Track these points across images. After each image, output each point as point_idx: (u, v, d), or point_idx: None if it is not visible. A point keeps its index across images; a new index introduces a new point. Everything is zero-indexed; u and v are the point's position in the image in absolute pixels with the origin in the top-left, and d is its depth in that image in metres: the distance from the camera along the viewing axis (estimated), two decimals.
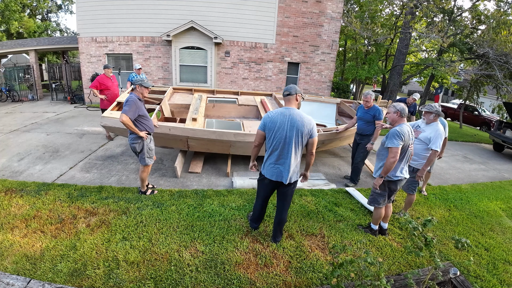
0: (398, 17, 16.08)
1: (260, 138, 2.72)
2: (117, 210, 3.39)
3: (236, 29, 10.65)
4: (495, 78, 10.17)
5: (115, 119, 4.27)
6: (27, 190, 3.73)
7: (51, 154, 5.20)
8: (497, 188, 5.52)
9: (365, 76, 13.85)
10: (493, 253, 3.25)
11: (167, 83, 11.05)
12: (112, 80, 5.97)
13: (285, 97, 2.69)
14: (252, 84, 11.49)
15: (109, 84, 5.89)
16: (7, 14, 20.79)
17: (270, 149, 2.65)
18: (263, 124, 2.68)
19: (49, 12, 28.57)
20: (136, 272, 2.48)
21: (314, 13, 10.97)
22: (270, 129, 2.61)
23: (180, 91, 6.56)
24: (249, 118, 5.86)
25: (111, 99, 5.78)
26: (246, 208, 3.64)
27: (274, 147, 2.62)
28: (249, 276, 2.54)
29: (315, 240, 3.15)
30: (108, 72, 5.91)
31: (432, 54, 16.21)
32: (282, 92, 2.74)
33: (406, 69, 17.22)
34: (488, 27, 10.17)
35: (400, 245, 3.19)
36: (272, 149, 2.63)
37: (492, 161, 7.71)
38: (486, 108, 16.44)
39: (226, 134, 4.33)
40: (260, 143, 2.76)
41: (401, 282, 2.39)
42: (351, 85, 19.34)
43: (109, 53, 10.72)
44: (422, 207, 4.23)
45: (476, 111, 15.58)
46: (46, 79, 14.64)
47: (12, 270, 2.41)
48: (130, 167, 4.84)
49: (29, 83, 11.77)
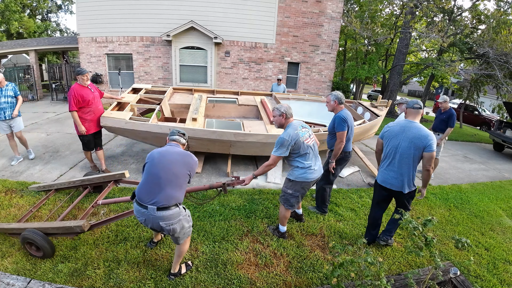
0: (398, 17, 16.08)
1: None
2: (117, 210, 3.39)
3: (236, 29, 10.65)
4: (495, 78, 10.17)
5: (116, 119, 4.27)
6: (27, 190, 3.73)
7: (51, 154, 5.20)
8: (497, 187, 5.52)
9: (365, 76, 13.86)
10: (493, 253, 3.25)
11: (167, 83, 11.05)
12: (91, 91, 4.10)
13: (415, 110, 2.74)
14: (252, 84, 11.49)
15: (89, 98, 4.02)
16: (7, 15, 20.81)
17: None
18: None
19: (49, 12, 28.58)
20: (136, 272, 2.48)
21: (314, 13, 10.97)
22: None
23: (180, 91, 6.56)
24: (249, 118, 5.85)
25: (93, 119, 4.16)
26: (246, 208, 3.64)
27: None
28: (249, 276, 2.54)
29: (315, 240, 3.15)
30: (84, 80, 4.00)
31: (432, 54, 16.20)
32: (411, 104, 2.76)
33: (406, 69, 17.22)
34: (488, 27, 10.17)
35: (400, 245, 3.19)
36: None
37: (492, 161, 7.71)
38: (486, 107, 16.43)
39: (226, 134, 4.33)
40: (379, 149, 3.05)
41: (401, 282, 2.39)
42: (351, 85, 19.35)
43: (109, 53, 10.72)
44: (422, 207, 4.23)
45: (476, 111, 15.57)
46: (46, 79, 14.63)
47: (12, 270, 2.41)
48: (130, 167, 4.84)
49: (29, 83, 11.77)
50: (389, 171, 2.81)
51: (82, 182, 3.42)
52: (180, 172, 2.17)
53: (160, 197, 2.07)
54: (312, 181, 2.86)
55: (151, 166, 2.15)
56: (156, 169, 2.12)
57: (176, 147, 2.30)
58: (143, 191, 2.12)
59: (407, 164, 2.69)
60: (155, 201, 2.06)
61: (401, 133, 2.71)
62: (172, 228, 2.14)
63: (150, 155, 2.21)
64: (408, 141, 2.65)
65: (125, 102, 4.93)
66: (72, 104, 3.91)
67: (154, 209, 2.06)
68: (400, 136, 2.71)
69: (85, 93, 3.98)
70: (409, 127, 2.68)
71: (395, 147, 2.74)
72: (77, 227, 2.46)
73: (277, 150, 2.71)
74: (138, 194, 2.13)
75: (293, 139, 2.67)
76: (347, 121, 3.29)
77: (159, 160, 2.16)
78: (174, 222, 2.14)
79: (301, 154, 2.77)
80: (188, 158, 2.24)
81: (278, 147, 2.71)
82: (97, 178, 3.38)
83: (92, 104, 4.11)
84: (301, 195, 2.92)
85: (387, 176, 2.82)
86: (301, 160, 2.79)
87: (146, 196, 2.09)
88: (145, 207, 2.07)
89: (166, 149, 2.24)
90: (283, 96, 6.82)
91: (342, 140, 3.30)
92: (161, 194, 2.08)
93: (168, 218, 2.10)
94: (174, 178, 2.14)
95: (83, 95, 3.96)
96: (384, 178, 2.85)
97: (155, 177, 2.11)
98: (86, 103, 4.02)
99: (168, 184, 2.11)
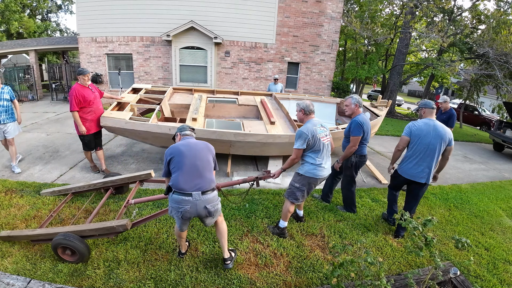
0: (398, 17, 16.08)
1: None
2: (117, 210, 3.39)
3: (236, 29, 10.65)
4: (495, 78, 10.18)
5: (116, 119, 4.27)
6: (27, 190, 3.73)
7: (51, 154, 5.20)
8: (497, 187, 5.52)
9: (365, 76, 13.86)
10: (493, 253, 3.25)
11: (167, 83, 11.05)
12: (92, 91, 4.13)
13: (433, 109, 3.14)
14: (252, 84, 11.49)
15: (90, 98, 4.05)
16: (7, 15, 20.81)
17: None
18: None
19: (49, 12, 28.58)
20: (136, 272, 2.48)
21: (314, 13, 10.97)
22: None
23: (180, 91, 6.56)
24: (249, 118, 5.85)
25: (93, 118, 4.18)
26: (246, 208, 3.64)
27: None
28: (249, 276, 2.54)
29: (315, 240, 3.15)
30: (85, 80, 4.03)
31: (432, 54, 16.21)
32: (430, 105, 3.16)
33: (406, 69, 17.23)
34: (488, 27, 10.18)
35: (400, 245, 3.19)
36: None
37: (492, 161, 7.71)
38: (486, 107, 16.44)
39: (226, 134, 4.33)
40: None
41: (401, 282, 2.39)
42: (351, 85, 19.36)
43: (109, 53, 10.73)
44: (422, 207, 4.23)
45: (476, 111, 15.58)
46: (46, 79, 14.64)
47: (12, 270, 2.41)
48: (130, 167, 4.84)
49: (29, 83, 11.77)
50: (418, 166, 3.09)
51: (104, 184, 3.38)
52: (210, 158, 2.41)
53: (202, 183, 2.27)
54: (320, 178, 2.95)
55: (183, 158, 2.27)
56: (191, 159, 2.28)
57: (193, 138, 2.48)
58: (182, 181, 2.23)
59: (435, 158, 3.05)
60: (199, 187, 2.24)
61: (431, 131, 3.02)
62: (216, 208, 2.34)
63: (175, 150, 2.30)
64: (438, 137, 2.99)
65: (125, 102, 4.92)
66: (74, 104, 3.91)
67: (199, 194, 2.23)
68: (431, 134, 3.01)
69: (86, 93, 4.00)
70: (435, 125, 3.04)
71: (427, 144, 3.02)
72: (120, 226, 2.46)
73: (296, 143, 2.85)
74: (178, 185, 2.23)
75: (310, 133, 2.79)
76: (363, 126, 3.33)
77: (189, 151, 2.30)
78: (217, 202, 2.36)
79: (315, 150, 2.87)
80: (208, 145, 2.47)
81: (296, 140, 2.85)
82: (121, 179, 3.35)
83: (93, 104, 4.12)
84: (307, 190, 2.99)
85: (416, 171, 3.11)
86: (313, 156, 2.89)
87: (188, 184, 2.23)
88: (189, 195, 2.21)
89: (187, 142, 2.38)
90: (283, 96, 6.82)
91: (355, 145, 3.36)
92: (202, 179, 2.27)
93: (211, 200, 2.30)
94: (207, 164, 2.36)
95: (84, 95, 3.98)
96: (413, 173, 3.14)
97: (192, 166, 2.27)
98: (87, 103, 4.03)
99: (204, 170, 2.31)
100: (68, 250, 2.47)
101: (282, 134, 4.54)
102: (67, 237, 2.40)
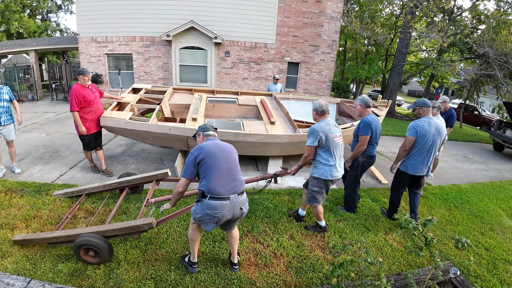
0: (398, 17, 16.08)
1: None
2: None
3: (236, 29, 10.65)
4: (495, 78, 10.18)
5: (116, 119, 4.27)
6: (27, 190, 3.73)
7: (51, 154, 5.20)
8: (497, 187, 5.52)
9: (365, 76, 13.86)
10: (493, 253, 3.25)
11: (167, 83, 11.05)
12: (92, 91, 4.15)
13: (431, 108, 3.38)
14: (252, 84, 11.49)
15: (90, 98, 4.07)
16: (7, 15, 20.81)
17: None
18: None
19: (49, 12, 28.58)
20: (136, 272, 2.48)
21: (314, 13, 10.97)
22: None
23: (180, 91, 6.56)
24: (249, 118, 5.85)
25: (93, 118, 4.20)
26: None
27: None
28: (249, 276, 2.54)
29: (315, 240, 3.15)
30: (85, 80, 4.04)
31: (432, 54, 16.21)
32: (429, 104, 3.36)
33: (406, 69, 17.23)
34: (488, 27, 10.18)
35: (400, 245, 3.19)
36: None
37: (492, 161, 7.71)
38: (486, 107, 16.43)
39: (226, 134, 4.33)
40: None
41: (401, 282, 2.39)
42: (351, 85, 19.35)
43: (109, 53, 10.73)
44: (422, 207, 4.23)
45: (476, 111, 15.57)
46: (46, 79, 14.63)
47: (12, 270, 2.41)
48: (130, 167, 4.84)
49: (29, 83, 11.77)
50: (422, 162, 3.34)
51: (120, 184, 3.36)
52: (237, 160, 2.41)
53: (237, 185, 2.27)
54: (335, 178, 3.03)
55: (217, 160, 2.22)
56: (223, 162, 2.25)
57: (218, 139, 2.46)
58: (218, 185, 2.18)
59: (434, 153, 3.35)
60: (235, 190, 2.24)
61: (433, 130, 3.25)
62: (247, 209, 2.35)
63: (207, 151, 2.23)
64: (438, 134, 3.28)
65: (125, 102, 4.92)
66: (74, 104, 3.92)
67: (236, 197, 2.22)
68: (433, 132, 3.25)
69: (86, 93, 4.02)
70: (435, 123, 3.28)
71: (430, 142, 3.25)
72: (145, 225, 2.45)
73: (308, 139, 2.92)
74: (214, 190, 2.16)
75: (322, 131, 2.85)
76: (371, 125, 3.39)
77: (220, 153, 2.27)
78: (247, 203, 2.37)
79: (328, 150, 2.92)
80: (233, 147, 2.46)
81: (308, 137, 2.92)
82: (137, 178, 3.33)
83: (93, 104, 4.14)
84: (325, 191, 3.09)
85: (422, 167, 3.35)
86: (326, 156, 2.94)
87: (225, 188, 2.20)
88: (227, 198, 2.18)
89: (215, 143, 2.34)
90: (283, 96, 6.81)
91: (364, 144, 3.42)
92: (236, 182, 2.27)
93: (245, 201, 2.33)
94: (237, 166, 2.37)
95: (85, 95, 3.99)
96: (417, 169, 3.36)
97: (226, 170, 2.24)
98: (87, 103, 4.04)
99: (236, 172, 2.32)
100: (92, 251, 2.46)
101: (282, 134, 4.54)
102: (91, 238, 2.38)
